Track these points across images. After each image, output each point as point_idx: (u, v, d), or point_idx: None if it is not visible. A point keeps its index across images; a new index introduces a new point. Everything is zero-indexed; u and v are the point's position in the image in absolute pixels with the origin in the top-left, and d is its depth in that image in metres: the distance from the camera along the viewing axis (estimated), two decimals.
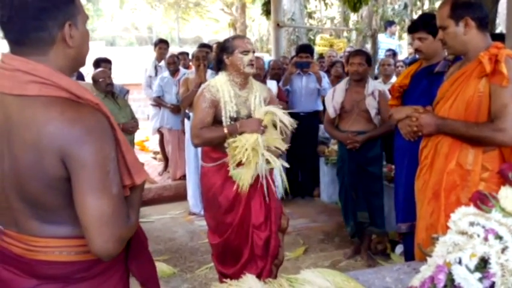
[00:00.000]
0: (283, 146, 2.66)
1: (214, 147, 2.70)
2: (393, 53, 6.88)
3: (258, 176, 2.61)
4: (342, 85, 3.62)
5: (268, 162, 2.60)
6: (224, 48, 2.67)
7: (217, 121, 2.64)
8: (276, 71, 5.30)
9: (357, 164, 3.50)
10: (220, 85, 2.64)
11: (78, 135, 1.07)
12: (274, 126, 2.65)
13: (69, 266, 1.19)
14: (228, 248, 2.77)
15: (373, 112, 3.44)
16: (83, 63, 1.27)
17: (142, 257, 1.38)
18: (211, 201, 2.76)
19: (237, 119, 2.62)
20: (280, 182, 2.74)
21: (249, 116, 2.66)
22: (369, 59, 3.58)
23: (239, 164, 2.59)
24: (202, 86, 2.76)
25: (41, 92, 1.10)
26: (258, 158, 2.54)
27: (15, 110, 1.12)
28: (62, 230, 1.17)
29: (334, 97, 3.58)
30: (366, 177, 3.50)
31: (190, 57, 5.76)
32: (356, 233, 3.67)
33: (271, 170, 2.69)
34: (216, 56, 2.79)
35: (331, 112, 3.61)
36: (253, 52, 2.65)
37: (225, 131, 2.58)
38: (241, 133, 2.56)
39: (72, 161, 1.08)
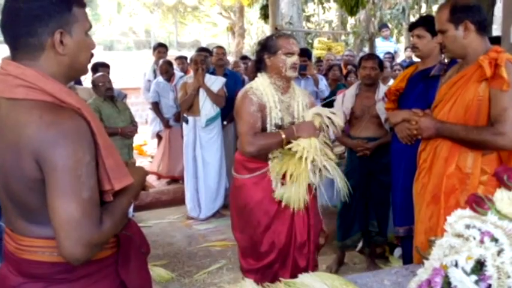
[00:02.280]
0: (332, 154, 2.41)
1: (253, 156, 2.39)
2: (392, 56, 6.89)
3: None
4: (352, 90, 3.52)
5: (319, 171, 2.33)
6: (266, 47, 2.42)
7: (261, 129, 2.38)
8: None
9: (368, 172, 3.39)
10: (263, 88, 2.39)
11: (52, 139, 1.09)
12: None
13: (50, 267, 1.20)
14: (269, 271, 2.48)
15: (383, 117, 3.34)
16: (82, 71, 1.28)
17: (135, 263, 1.36)
18: (247, 218, 2.45)
19: (281, 126, 2.37)
20: (340, 189, 2.44)
21: (293, 124, 2.40)
22: (381, 64, 3.50)
23: (284, 179, 2.32)
24: (244, 89, 2.45)
25: (28, 95, 1.13)
26: (316, 166, 2.28)
27: (4, 112, 1.16)
28: (45, 230, 1.18)
29: (344, 102, 3.48)
30: (376, 187, 3.39)
31: (188, 61, 5.77)
32: (365, 243, 3.56)
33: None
34: (256, 55, 2.52)
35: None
36: (298, 55, 2.42)
37: (283, 136, 2.29)
38: (296, 138, 2.30)
39: (45, 163, 1.10)
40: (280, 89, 2.44)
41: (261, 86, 2.40)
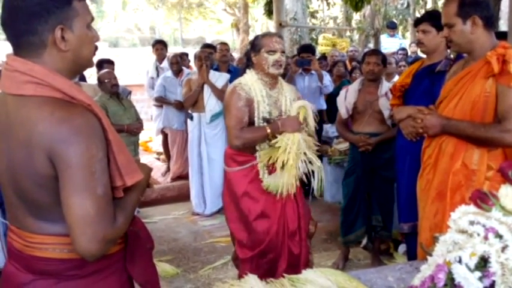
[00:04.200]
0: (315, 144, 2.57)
1: (240, 149, 2.55)
2: (406, 53, 6.85)
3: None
4: (355, 85, 3.53)
5: (308, 163, 2.48)
6: (252, 45, 2.59)
7: (248, 122, 2.53)
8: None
9: (371, 168, 3.39)
10: (251, 83, 2.53)
11: (65, 135, 1.08)
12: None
13: (61, 263, 1.20)
14: (263, 261, 2.60)
15: (386, 113, 3.33)
16: (86, 65, 1.27)
17: (142, 259, 1.37)
18: (239, 209, 2.59)
19: (269, 120, 2.50)
20: (316, 183, 2.55)
21: (279, 118, 2.54)
22: (384, 60, 3.50)
23: (272, 169, 2.48)
24: (233, 84, 2.60)
25: (36, 92, 1.12)
26: (299, 159, 2.42)
27: (13, 109, 1.15)
28: (55, 227, 1.18)
29: (347, 97, 3.49)
30: (379, 182, 3.39)
31: (192, 57, 5.76)
32: (369, 239, 3.54)
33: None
34: (245, 53, 2.72)
35: (343, 113, 3.51)
36: (282, 52, 2.52)
37: (268, 130, 2.44)
38: (281, 133, 2.45)
39: (59, 160, 1.09)
40: (268, 84, 2.57)
41: (249, 81, 2.54)
